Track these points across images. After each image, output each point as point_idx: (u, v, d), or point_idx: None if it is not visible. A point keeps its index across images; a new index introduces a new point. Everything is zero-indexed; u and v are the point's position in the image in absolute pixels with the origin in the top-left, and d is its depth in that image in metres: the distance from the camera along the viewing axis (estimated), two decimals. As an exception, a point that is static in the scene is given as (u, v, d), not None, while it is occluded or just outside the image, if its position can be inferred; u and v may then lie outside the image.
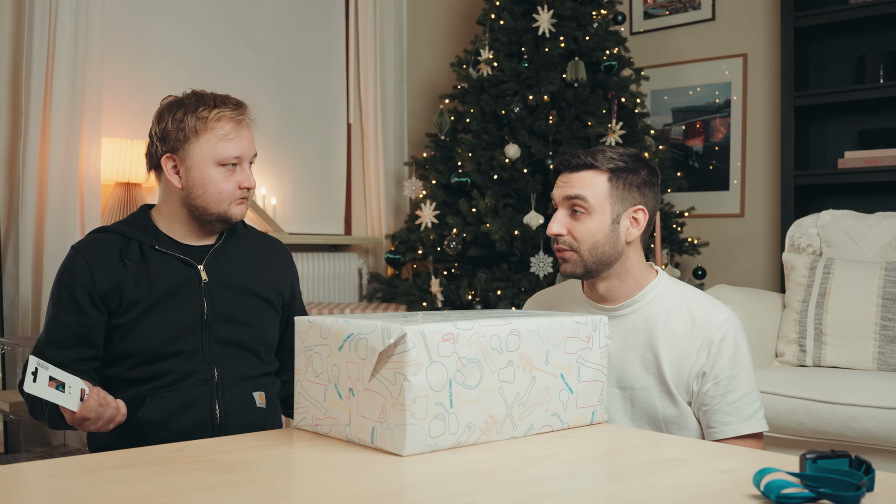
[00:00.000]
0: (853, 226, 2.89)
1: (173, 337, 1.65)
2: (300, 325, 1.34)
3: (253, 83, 3.98)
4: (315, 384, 1.31)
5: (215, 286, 1.71)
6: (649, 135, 3.80)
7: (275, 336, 1.80)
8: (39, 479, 1.08)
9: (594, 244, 1.61)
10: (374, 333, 1.19)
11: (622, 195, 1.63)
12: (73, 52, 3.17)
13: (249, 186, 1.70)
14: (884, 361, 2.55)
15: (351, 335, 1.23)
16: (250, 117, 1.73)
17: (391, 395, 1.17)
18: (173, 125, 1.66)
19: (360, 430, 1.23)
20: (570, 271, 1.64)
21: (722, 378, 1.60)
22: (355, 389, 1.23)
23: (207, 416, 1.64)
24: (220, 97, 1.70)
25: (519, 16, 3.80)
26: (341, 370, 1.25)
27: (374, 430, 1.20)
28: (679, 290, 1.68)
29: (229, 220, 1.72)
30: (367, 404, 1.21)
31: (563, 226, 1.63)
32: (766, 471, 0.96)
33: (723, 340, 1.61)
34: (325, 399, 1.29)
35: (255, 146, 1.73)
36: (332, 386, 1.28)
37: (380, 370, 1.19)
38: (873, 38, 3.66)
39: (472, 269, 3.73)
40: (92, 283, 1.64)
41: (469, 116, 3.75)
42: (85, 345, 1.65)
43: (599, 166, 1.62)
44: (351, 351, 1.23)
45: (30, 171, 3.07)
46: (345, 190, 4.48)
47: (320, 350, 1.29)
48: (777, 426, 2.40)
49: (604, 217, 1.61)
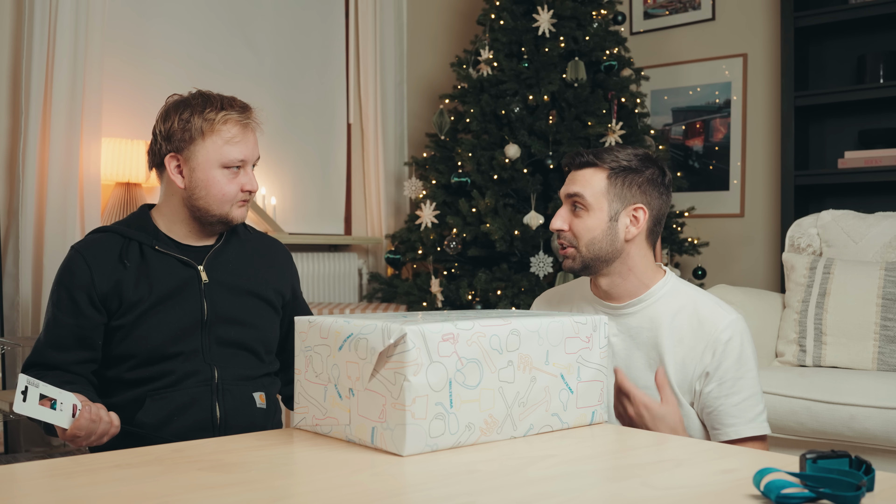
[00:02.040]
0: (853, 226, 2.89)
1: (173, 338, 1.65)
2: (300, 325, 1.34)
3: (253, 84, 3.98)
4: (315, 384, 1.31)
5: (215, 287, 1.70)
6: (649, 135, 3.80)
7: (275, 336, 1.80)
8: (39, 479, 1.08)
9: (591, 240, 1.64)
10: (374, 333, 1.19)
11: (621, 193, 1.64)
12: (73, 52, 3.17)
13: (252, 190, 1.71)
14: (884, 361, 2.55)
15: (351, 335, 1.23)
16: (256, 120, 1.73)
17: (391, 395, 1.17)
18: (179, 125, 1.65)
19: (360, 430, 1.23)
20: (569, 266, 1.68)
21: (727, 379, 1.60)
22: (355, 389, 1.23)
23: (207, 417, 1.64)
24: (227, 99, 1.70)
25: (519, 16, 3.80)
26: (341, 370, 1.25)
27: (374, 430, 1.20)
28: (686, 291, 1.69)
29: (230, 223, 1.71)
30: (367, 404, 1.21)
31: (564, 221, 1.67)
32: (766, 471, 0.96)
33: (729, 341, 1.61)
34: (325, 399, 1.29)
35: (259, 149, 1.74)
36: (332, 386, 1.28)
37: (380, 370, 1.19)
38: (873, 38, 3.66)
39: (472, 269, 3.73)
40: (92, 284, 1.64)
41: (469, 116, 3.75)
42: (84, 347, 1.65)
43: (600, 164, 1.65)
44: (351, 351, 1.23)
45: (30, 171, 3.07)
46: (345, 190, 4.48)
47: (320, 350, 1.29)
48: (777, 426, 2.40)
49: (601, 214, 1.64)
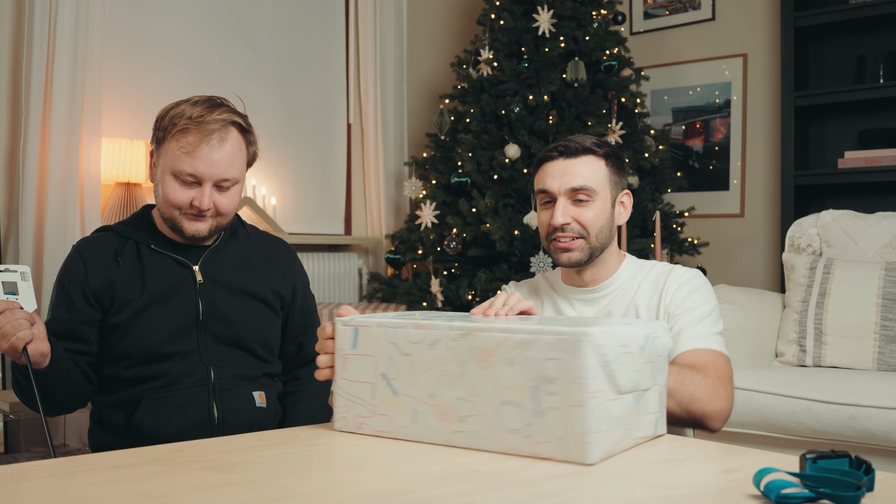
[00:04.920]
0: (853, 226, 2.89)
1: (169, 337, 1.64)
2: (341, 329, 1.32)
3: (253, 83, 3.98)
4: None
5: (210, 287, 1.69)
6: (649, 135, 3.81)
7: (273, 337, 1.78)
8: (39, 479, 1.08)
9: (600, 229, 1.64)
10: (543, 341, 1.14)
11: (617, 179, 1.66)
12: (73, 52, 3.17)
13: (201, 209, 1.60)
14: (884, 361, 2.55)
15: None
16: (235, 138, 1.62)
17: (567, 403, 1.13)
18: (163, 122, 1.63)
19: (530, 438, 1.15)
20: (577, 259, 1.63)
21: (685, 304, 1.60)
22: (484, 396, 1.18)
23: (205, 417, 1.63)
24: (212, 106, 1.62)
25: (519, 16, 3.80)
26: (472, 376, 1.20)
27: (559, 444, 1.13)
28: (646, 263, 1.72)
29: (183, 233, 1.65)
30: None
31: (568, 215, 1.62)
32: (766, 471, 0.96)
33: (686, 281, 1.63)
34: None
35: (228, 169, 1.61)
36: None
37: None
38: (873, 38, 3.66)
39: (472, 269, 3.73)
40: (86, 280, 1.65)
41: (469, 116, 3.75)
42: (76, 339, 1.65)
43: (596, 150, 1.64)
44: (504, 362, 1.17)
45: (30, 171, 3.07)
46: (345, 190, 4.48)
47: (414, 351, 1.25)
48: (777, 426, 2.40)
49: (605, 202, 1.64)
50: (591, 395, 1.11)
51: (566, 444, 1.12)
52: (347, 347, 1.30)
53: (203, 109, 1.60)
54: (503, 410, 1.16)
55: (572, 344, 1.11)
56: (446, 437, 1.21)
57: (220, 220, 1.66)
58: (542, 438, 1.13)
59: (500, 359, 1.16)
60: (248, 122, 1.67)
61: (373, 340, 1.28)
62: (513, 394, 1.15)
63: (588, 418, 1.10)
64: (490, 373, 1.17)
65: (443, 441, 1.22)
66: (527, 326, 1.17)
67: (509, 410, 1.16)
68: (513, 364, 1.15)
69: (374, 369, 1.28)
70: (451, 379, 1.21)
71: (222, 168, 1.60)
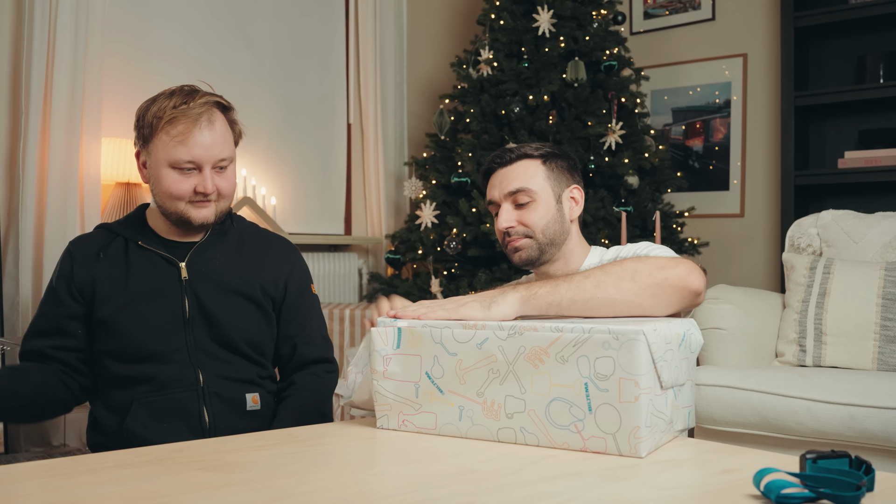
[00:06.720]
0: (853, 226, 2.89)
1: (154, 334, 1.62)
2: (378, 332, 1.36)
3: (253, 83, 3.98)
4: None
5: (197, 284, 1.67)
6: (649, 135, 3.80)
7: (262, 337, 1.72)
8: (39, 479, 1.08)
9: (545, 226, 1.69)
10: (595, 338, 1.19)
11: (557, 177, 1.72)
12: (73, 52, 3.17)
13: (205, 192, 1.62)
14: (884, 361, 2.55)
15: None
16: (220, 118, 1.65)
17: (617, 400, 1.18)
18: (144, 120, 1.63)
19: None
20: (527, 257, 1.70)
21: (630, 250, 1.66)
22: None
23: (196, 423, 1.60)
24: (190, 93, 1.63)
25: (519, 16, 3.80)
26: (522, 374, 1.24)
27: (610, 438, 1.18)
28: (613, 249, 1.75)
29: (191, 223, 1.66)
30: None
31: (512, 219, 1.70)
32: (766, 471, 0.96)
33: (633, 246, 1.68)
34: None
35: (223, 149, 1.64)
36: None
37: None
38: (873, 38, 3.66)
39: (471, 269, 3.73)
40: (71, 274, 1.67)
41: (469, 116, 3.75)
42: (63, 334, 1.66)
43: (531, 154, 1.71)
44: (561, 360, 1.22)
45: (30, 171, 3.07)
46: (345, 190, 4.48)
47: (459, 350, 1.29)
48: (777, 426, 2.40)
49: (548, 199, 1.70)
50: (644, 391, 1.16)
51: (618, 439, 1.17)
52: (390, 348, 1.34)
53: (182, 98, 1.62)
54: (553, 407, 1.21)
55: (628, 342, 1.16)
56: (493, 433, 1.27)
57: (221, 203, 1.68)
58: (593, 433, 1.18)
59: (552, 357, 1.21)
60: (226, 101, 1.70)
61: (418, 341, 1.32)
62: (564, 390, 1.20)
63: (640, 413, 1.15)
64: (541, 370, 1.22)
65: (489, 437, 1.27)
66: (578, 325, 1.21)
67: (559, 406, 1.21)
68: (565, 362, 1.20)
69: (419, 368, 1.32)
70: (500, 377, 1.25)
71: (217, 148, 1.63)
